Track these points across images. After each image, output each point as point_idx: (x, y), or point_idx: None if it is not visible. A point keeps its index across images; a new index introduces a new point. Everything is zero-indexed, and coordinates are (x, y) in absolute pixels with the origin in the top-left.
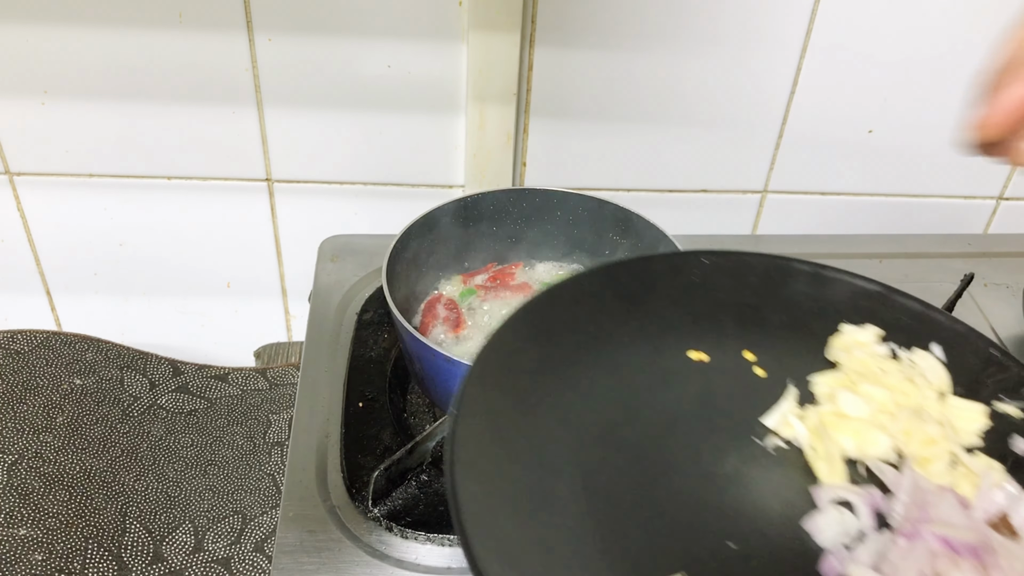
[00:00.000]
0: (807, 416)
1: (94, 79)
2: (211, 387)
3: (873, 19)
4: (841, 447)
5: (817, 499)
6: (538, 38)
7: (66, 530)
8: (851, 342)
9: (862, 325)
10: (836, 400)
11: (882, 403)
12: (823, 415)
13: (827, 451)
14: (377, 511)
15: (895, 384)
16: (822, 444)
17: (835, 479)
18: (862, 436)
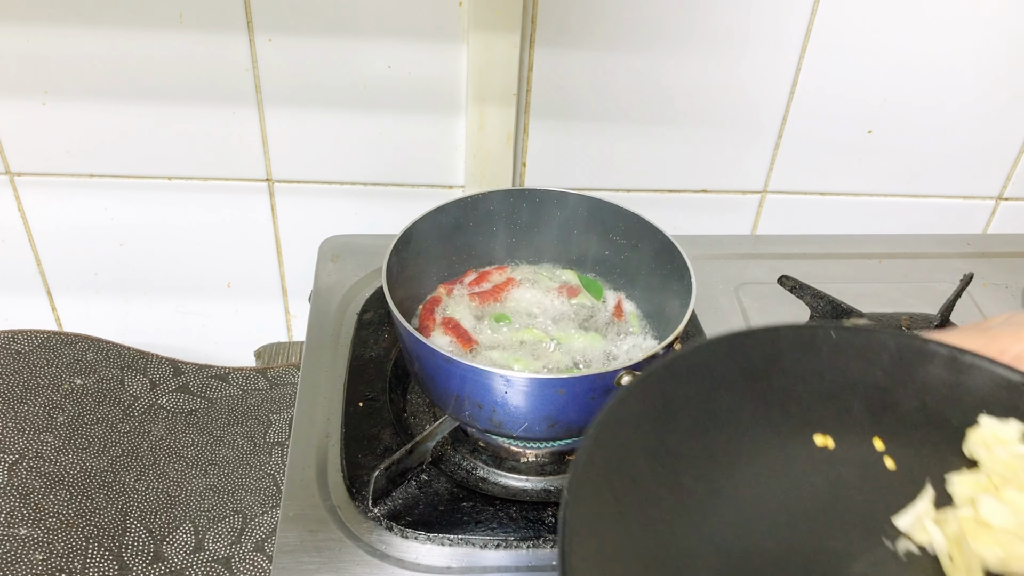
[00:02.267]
0: (945, 521)
1: (94, 79)
2: (211, 387)
3: (873, 19)
4: (983, 559)
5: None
6: (538, 38)
7: (67, 530)
8: (991, 437)
9: (1004, 419)
10: (977, 506)
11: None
12: (963, 521)
13: (967, 563)
14: (377, 511)
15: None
16: (960, 554)
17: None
18: (1008, 549)
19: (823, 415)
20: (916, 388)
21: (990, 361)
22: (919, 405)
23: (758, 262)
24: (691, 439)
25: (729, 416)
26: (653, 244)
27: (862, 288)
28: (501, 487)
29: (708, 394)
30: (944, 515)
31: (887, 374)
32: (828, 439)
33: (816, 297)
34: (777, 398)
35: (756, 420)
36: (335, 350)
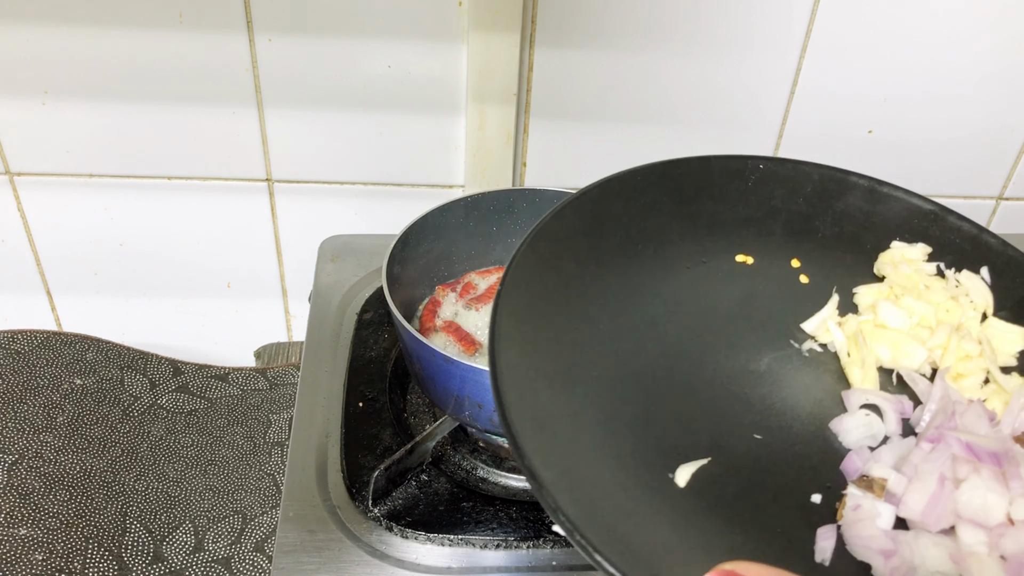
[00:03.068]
0: (846, 323)
1: (94, 79)
2: (211, 387)
3: (873, 19)
4: (877, 356)
5: (847, 402)
6: (538, 38)
7: (66, 530)
8: (899, 257)
9: (913, 243)
10: (877, 310)
11: (923, 317)
12: (862, 324)
13: (862, 358)
14: (377, 511)
15: (938, 300)
16: (858, 351)
17: (867, 385)
18: (899, 347)
19: (746, 237)
20: (835, 215)
21: (905, 191)
22: (837, 231)
23: None
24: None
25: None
26: None
27: None
28: (501, 487)
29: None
30: (847, 319)
31: (809, 202)
32: (748, 257)
33: None
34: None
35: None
36: (335, 350)
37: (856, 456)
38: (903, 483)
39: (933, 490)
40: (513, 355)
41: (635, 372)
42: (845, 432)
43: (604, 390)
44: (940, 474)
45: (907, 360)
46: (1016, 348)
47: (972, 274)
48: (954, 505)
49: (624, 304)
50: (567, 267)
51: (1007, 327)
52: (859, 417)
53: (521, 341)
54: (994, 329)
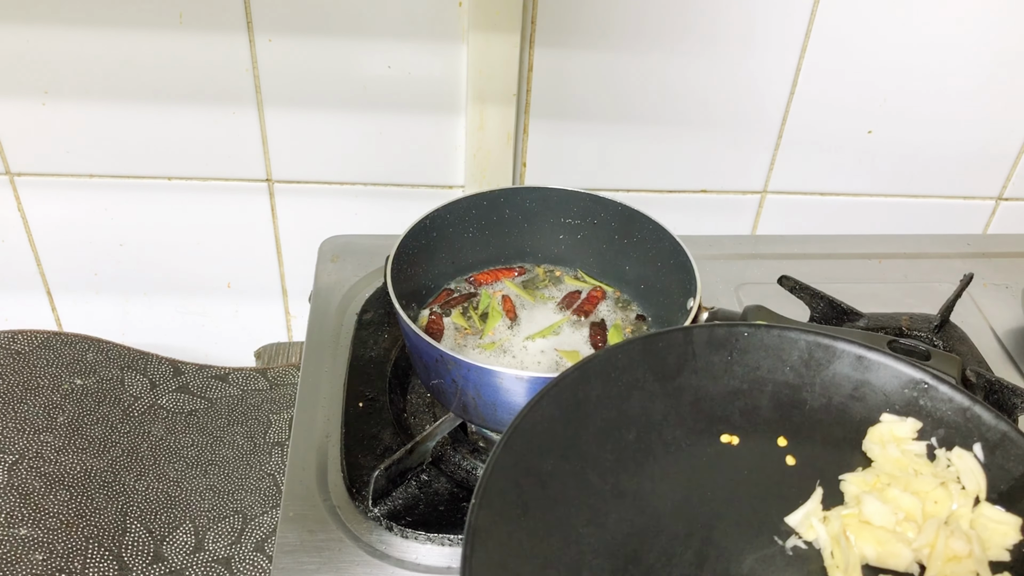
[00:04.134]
0: (831, 520)
1: (94, 79)
2: (211, 387)
3: (873, 20)
4: (862, 554)
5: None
6: (538, 38)
7: (67, 530)
8: (888, 436)
9: (903, 417)
10: (862, 504)
11: (909, 511)
12: (847, 519)
13: (846, 561)
14: (377, 511)
15: (926, 490)
16: (841, 553)
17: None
18: (884, 546)
19: (732, 412)
20: (823, 386)
21: (894, 358)
22: (825, 403)
23: (758, 262)
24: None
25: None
26: (657, 244)
27: (862, 288)
28: None
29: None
30: (830, 513)
31: (796, 372)
32: (734, 437)
33: (816, 297)
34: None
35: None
36: (335, 350)
37: None
38: None
39: None
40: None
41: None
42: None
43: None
44: None
45: (893, 560)
46: (1009, 541)
47: (965, 452)
48: None
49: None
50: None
51: (1000, 516)
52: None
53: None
54: (986, 519)
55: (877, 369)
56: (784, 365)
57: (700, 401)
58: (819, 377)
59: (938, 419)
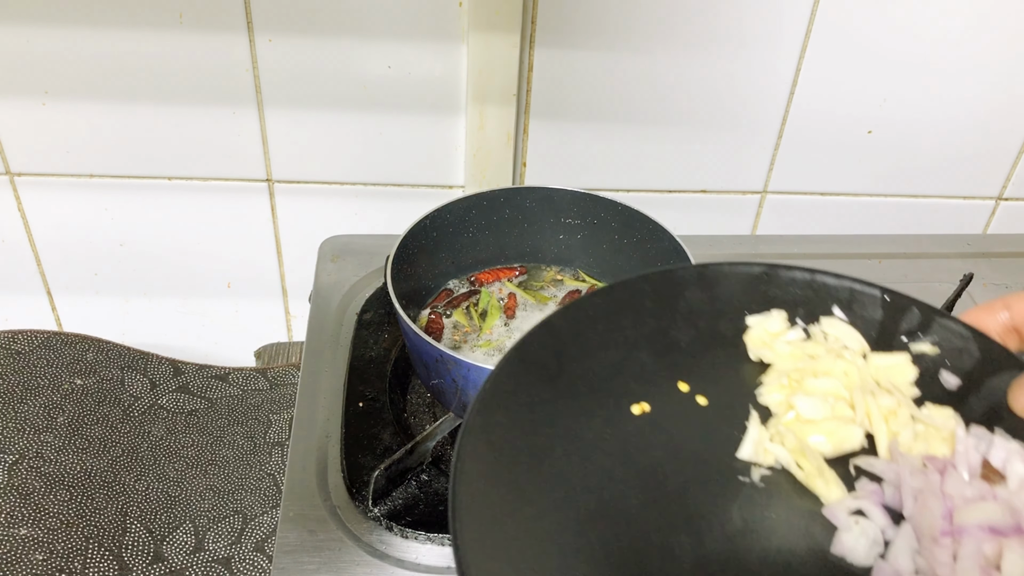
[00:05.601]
0: (778, 435)
1: (94, 79)
2: (211, 387)
3: (873, 19)
4: (819, 451)
5: (833, 520)
6: (538, 38)
7: (67, 530)
8: (764, 335)
9: (766, 313)
10: (796, 408)
11: (835, 393)
12: (790, 428)
13: (817, 467)
14: (377, 511)
15: (831, 367)
16: (808, 460)
17: (835, 490)
18: (836, 435)
19: (625, 382)
20: (684, 317)
21: (730, 265)
22: (695, 333)
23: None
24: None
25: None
26: (658, 244)
27: None
28: None
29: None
30: (775, 430)
31: (654, 315)
32: (643, 404)
33: None
34: (580, 386)
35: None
36: (335, 350)
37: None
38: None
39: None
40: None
41: None
42: (850, 551)
43: None
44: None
45: (848, 443)
46: (910, 377)
47: (830, 319)
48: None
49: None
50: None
51: (890, 359)
52: (853, 531)
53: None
54: (882, 367)
55: (719, 280)
56: (642, 315)
57: (591, 383)
58: (676, 311)
59: (792, 301)
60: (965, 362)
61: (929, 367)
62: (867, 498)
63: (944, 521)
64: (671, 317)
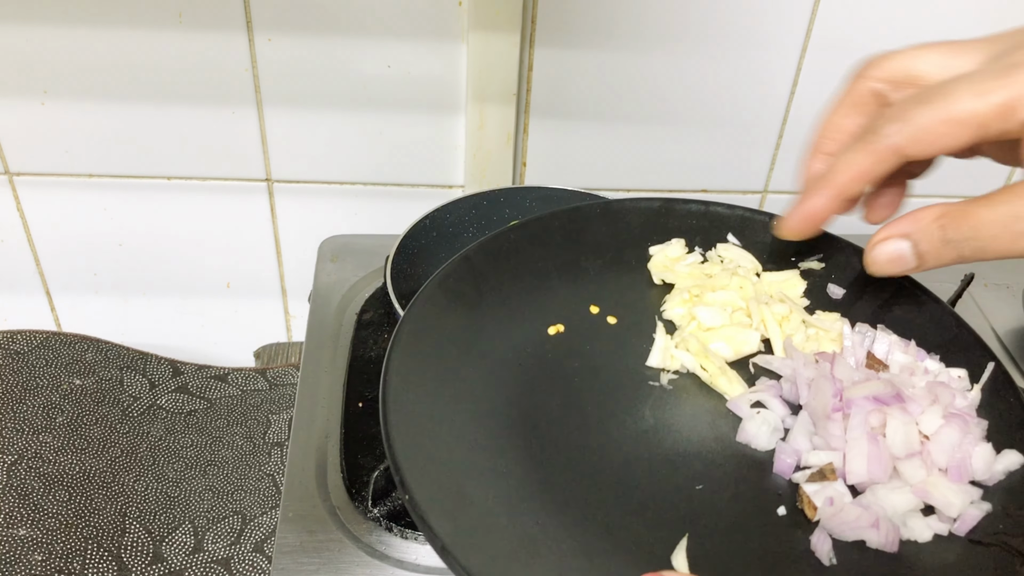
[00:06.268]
0: (683, 342)
1: (94, 79)
2: (211, 387)
3: (873, 19)
4: (720, 355)
5: (736, 411)
6: (538, 38)
7: (66, 530)
8: (666, 260)
9: (667, 242)
10: (697, 318)
11: (732, 304)
12: (694, 335)
13: (719, 368)
14: (377, 511)
15: (727, 283)
16: (711, 362)
17: (737, 387)
18: (735, 339)
19: (540, 307)
20: (592, 249)
21: (631, 201)
22: (601, 262)
23: None
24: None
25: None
26: None
27: None
28: None
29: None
30: (678, 339)
31: (564, 247)
32: (558, 326)
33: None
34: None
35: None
36: (335, 350)
37: (781, 456)
38: (839, 457)
39: (869, 450)
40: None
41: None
42: (753, 438)
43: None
44: (868, 433)
45: (747, 347)
46: (799, 289)
47: (725, 244)
48: (889, 453)
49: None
50: None
51: (781, 276)
52: (756, 420)
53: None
54: (774, 283)
55: (621, 214)
56: (553, 248)
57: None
58: (584, 243)
59: (690, 230)
60: (848, 274)
61: (817, 281)
62: (766, 391)
63: (835, 399)
64: (580, 249)
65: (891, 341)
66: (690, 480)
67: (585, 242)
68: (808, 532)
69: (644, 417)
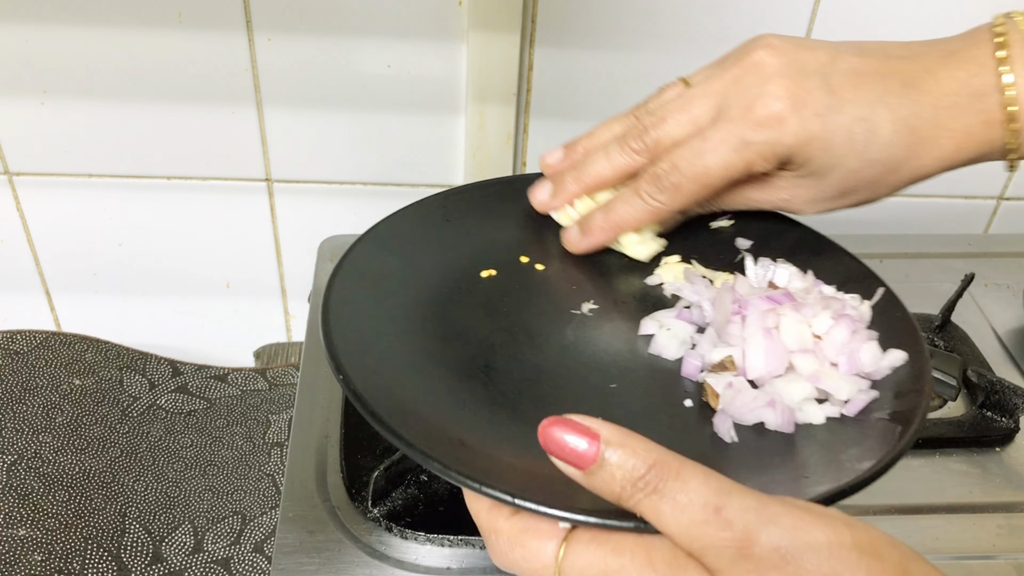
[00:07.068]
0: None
1: (94, 79)
2: (211, 387)
3: (873, 19)
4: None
5: (647, 329)
6: (538, 38)
7: (65, 531)
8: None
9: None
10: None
11: None
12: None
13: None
14: (377, 511)
15: None
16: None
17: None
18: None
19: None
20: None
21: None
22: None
23: None
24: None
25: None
26: None
27: None
28: None
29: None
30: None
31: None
32: (490, 271)
33: None
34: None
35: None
36: None
37: (688, 360)
38: (738, 353)
39: (765, 344)
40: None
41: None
42: (664, 349)
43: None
44: (763, 329)
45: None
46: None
47: None
48: (783, 347)
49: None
50: None
51: None
52: (664, 334)
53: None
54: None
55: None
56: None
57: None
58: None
59: None
60: (754, 228)
61: (726, 236)
62: (675, 316)
63: (734, 306)
64: (514, 212)
65: (791, 272)
66: (605, 381)
67: (521, 203)
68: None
69: (566, 336)
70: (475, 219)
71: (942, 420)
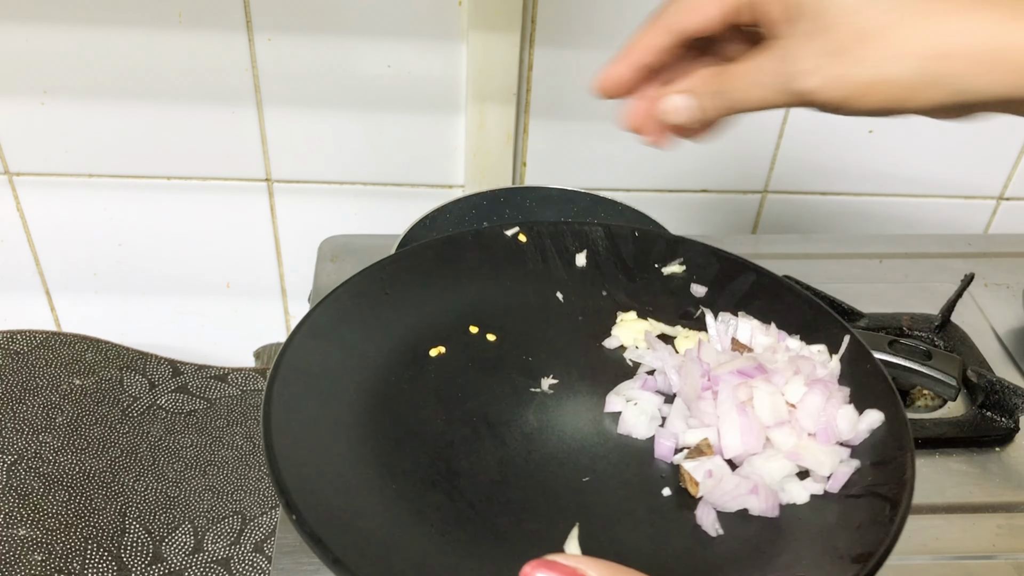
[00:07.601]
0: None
1: (94, 79)
2: (211, 387)
3: None
4: None
5: (612, 406)
6: (538, 38)
7: (66, 530)
8: None
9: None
10: None
11: None
12: None
13: None
14: None
15: None
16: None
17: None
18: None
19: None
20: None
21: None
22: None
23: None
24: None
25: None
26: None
27: (862, 288)
28: None
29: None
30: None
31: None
32: (439, 348)
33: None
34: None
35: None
36: None
37: (660, 441)
38: (713, 433)
39: (740, 422)
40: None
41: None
42: (633, 428)
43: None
44: (737, 407)
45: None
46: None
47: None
48: (759, 423)
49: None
50: None
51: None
52: (633, 410)
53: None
54: None
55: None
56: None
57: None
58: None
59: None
60: (708, 273)
61: (680, 283)
62: (639, 386)
63: (703, 379)
64: (455, 275)
65: (753, 326)
66: (577, 474)
67: (461, 270)
68: (694, 508)
69: (528, 421)
70: (415, 288)
71: (942, 420)
